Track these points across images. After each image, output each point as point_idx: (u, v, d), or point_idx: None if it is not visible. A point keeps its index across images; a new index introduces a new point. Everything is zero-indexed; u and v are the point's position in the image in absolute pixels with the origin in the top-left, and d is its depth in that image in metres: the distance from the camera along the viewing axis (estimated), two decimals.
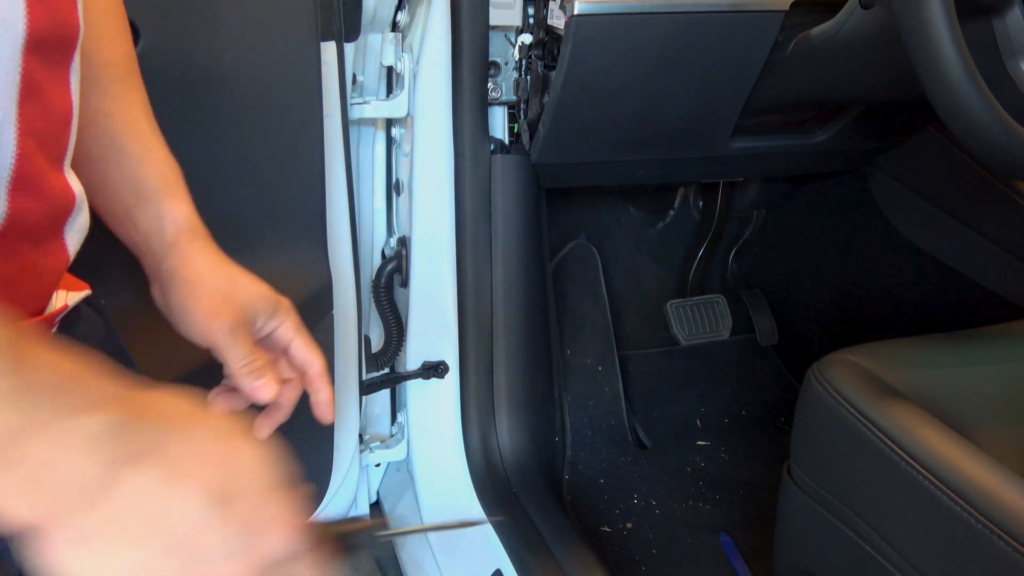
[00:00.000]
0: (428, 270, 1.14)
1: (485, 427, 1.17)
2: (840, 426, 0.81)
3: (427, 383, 1.18)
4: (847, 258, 1.48)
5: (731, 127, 1.10)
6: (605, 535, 1.26)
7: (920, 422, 0.76)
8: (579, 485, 1.35)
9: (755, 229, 1.69)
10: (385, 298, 1.18)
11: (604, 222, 1.63)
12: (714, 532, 1.28)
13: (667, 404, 1.53)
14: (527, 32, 1.04)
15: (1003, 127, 0.66)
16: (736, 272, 1.72)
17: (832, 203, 1.50)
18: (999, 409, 0.83)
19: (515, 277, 1.14)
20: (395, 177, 1.18)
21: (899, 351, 0.89)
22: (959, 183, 1.21)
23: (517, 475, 1.16)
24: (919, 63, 0.66)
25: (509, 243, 1.12)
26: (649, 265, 1.67)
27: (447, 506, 1.17)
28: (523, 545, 1.05)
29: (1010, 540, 0.66)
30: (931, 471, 0.72)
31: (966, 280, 1.25)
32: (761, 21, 0.93)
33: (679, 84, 0.99)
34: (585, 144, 1.09)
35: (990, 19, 0.80)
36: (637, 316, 1.63)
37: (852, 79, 0.98)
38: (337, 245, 0.98)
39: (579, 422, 1.43)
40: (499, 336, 1.15)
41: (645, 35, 0.91)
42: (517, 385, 1.18)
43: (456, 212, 1.11)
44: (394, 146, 1.17)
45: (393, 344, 1.19)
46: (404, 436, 1.23)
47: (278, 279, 0.57)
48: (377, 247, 1.22)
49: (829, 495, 0.85)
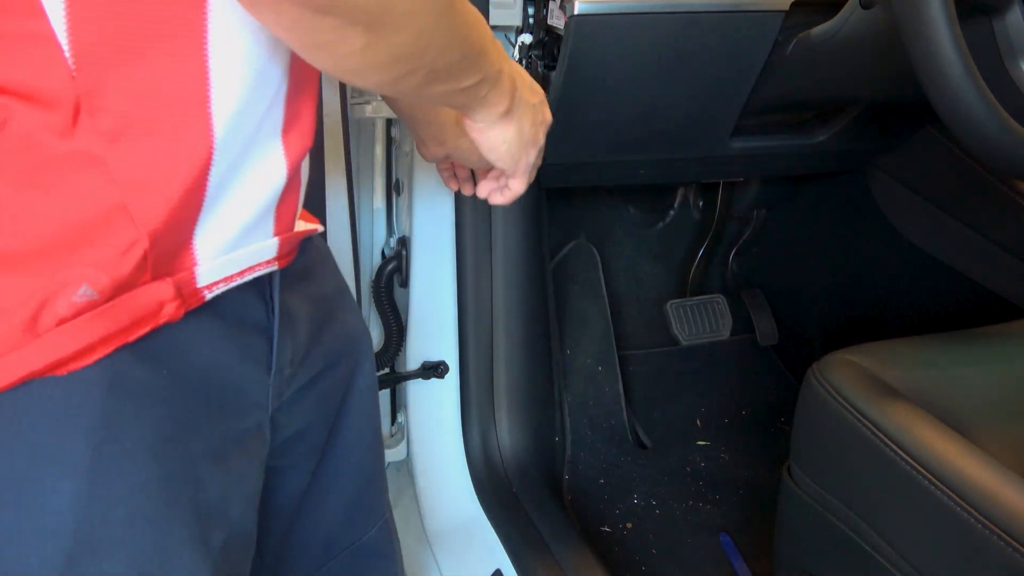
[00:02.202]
0: (428, 270, 1.14)
1: (485, 427, 1.17)
2: (840, 426, 0.81)
3: (427, 383, 1.18)
4: (847, 258, 1.48)
5: (731, 127, 1.10)
6: (605, 535, 1.26)
7: (920, 422, 0.76)
8: (579, 485, 1.35)
9: (755, 229, 1.69)
10: (385, 298, 1.18)
11: (604, 222, 1.63)
12: (714, 532, 1.28)
13: (667, 404, 1.53)
14: (527, 32, 1.04)
15: (1003, 127, 0.66)
16: (736, 272, 1.72)
17: (832, 203, 1.50)
18: (999, 409, 0.83)
19: (515, 277, 1.14)
20: (395, 177, 1.18)
21: (899, 351, 0.89)
22: (959, 183, 1.21)
23: (517, 475, 1.16)
24: (919, 63, 0.66)
25: (509, 243, 1.12)
26: (649, 265, 1.67)
27: (447, 506, 1.17)
28: (523, 545, 1.05)
29: (1010, 540, 0.66)
30: (931, 471, 0.72)
31: (966, 280, 1.25)
32: (761, 21, 0.93)
33: (679, 84, 0.99)
34: (585, 144, 1.09)
35: (990, 19, 0.81)
36: (637, 316, 1.63)
37: (852, 79, 0.98)
38: (337, 245, 0.98)
39: (579, 422, 1.43)
40: (499, 336, 1.15)
41: (645, 35, 0.91)
42: (517, 385, 1.18)
43: (456, 212, 1.11)
44: (394, 146, 1.17)
45: (393, 344, 1.19)
46: (404, 436, 1.23)
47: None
48: (377, 247, 1.22)
49: (829, 495, 0.85)
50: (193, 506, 0.46)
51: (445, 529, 1.16)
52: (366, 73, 0.42)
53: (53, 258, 0.37)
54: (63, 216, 0.37)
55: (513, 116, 0.59)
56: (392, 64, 0.42)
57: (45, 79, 0.35)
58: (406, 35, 0.41)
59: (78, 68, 0.35)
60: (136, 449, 0.43)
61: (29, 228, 0.37)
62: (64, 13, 0.34)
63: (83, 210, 0.37)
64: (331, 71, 0.42)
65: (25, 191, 0.36)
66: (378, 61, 0.41)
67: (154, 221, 0.39)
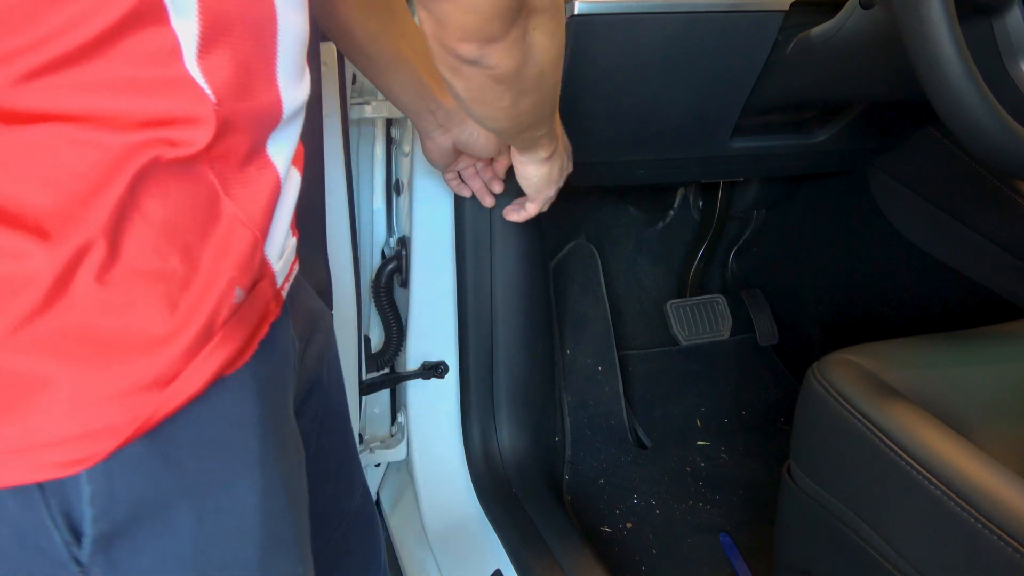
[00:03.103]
0: (428, 270, 1.14)
1: (485, 427, 1.17)
2: (840, 426, 0.81)
3: (427, 383, 1.18)
4: (847, 258, 1.48)
5: (731, 127, 1.10)
6: (605, 535, 1.26)
7: (920, 422, 0.76)
8: (579, 485, 1.35)
9: (755, 229, 1.69)
10: (385, 298, 1.18)
11: (604, 222, 1.63)
12: (714, 532, 1.28)
13: (667, 404, 1.53)
14: None
15: (1003, 127, 0.66)
16: (736, 272, 1.72)
17: (832, 203, 1.50)
18: (999, 409, 0.83)
19: (515, 277, 1.14)
20: (395, 177, 1.18)
21: (899, 351, 0.89)
22: (959, 183, 1.21)
23: (517, 475, 1.16)
24: (919, 63, 0.66)
25: (509, 243, 1.12)
26: (649, 265, 1.67)
27: (447, 506, 1.17)
28: (523, 545, 1.05)
29: (1010, 540, 0.66)
30: (931, 471, 0.72)
31: (966, 280, 1.25)
32: (761, 21, 0.92)
33: (679, 84, 0.99)
34: (585, 144, 1.09)
35: (990, 19, 0.80)
36: (637, 316, 1.63)
37: (852, 79, 0.98)
38: (337, 245, 0.98)
39: (579, 422, 1.43)
40: (499, 336, 1.15)
41: (645, 35, 0.91)
42: (517, 385, 1.18)
43: (456, 212, 1.11)
44: (394, 146, 1.17)
45: (393, 344, 1.19)
46: (404, 436, 1.23)
47: None
48: (377, 247, 1.22)
49: (829, 495, 0.85)
50: (304, 489, 0.52)
51: (445, 529, 1.16)
52: (502, 119, 0.64)
53: (218, 263, 0.41)
54: (219, 227, 0.41)
55: (551, 161, 0.81)
56: (520, 115, 0.63)
57: (194, 109, 0.39)
58: (536, 96, 0.62)
59: (218, 100, 0.39)
60: (282, 440, 0.48)
61: (200, 243, 0.40)
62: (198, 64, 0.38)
63: (225, 218, 0.42)
64: (478, 116, 0.63)
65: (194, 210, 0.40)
66: (516, 112, 0.62)
67: (261, 225, 0.44)
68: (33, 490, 0.38)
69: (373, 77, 0.79)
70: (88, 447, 0.37)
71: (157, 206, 0.38)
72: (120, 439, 0.38)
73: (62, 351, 0.36)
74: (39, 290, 0.35)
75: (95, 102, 0.36)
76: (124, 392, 0.38)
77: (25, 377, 0.36)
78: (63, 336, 0.36)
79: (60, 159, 0.36)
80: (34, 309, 0.35)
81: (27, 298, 0.35)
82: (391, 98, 0.81)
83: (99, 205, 0.36)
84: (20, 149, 0.35)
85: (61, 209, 0.36)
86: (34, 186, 0.35)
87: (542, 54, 0.56)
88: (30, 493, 0.38)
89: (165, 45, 0.37)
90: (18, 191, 0.35)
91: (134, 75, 0.37)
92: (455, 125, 0.82)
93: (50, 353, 0.36)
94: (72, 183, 0.36)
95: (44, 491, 0.38)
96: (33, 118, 0.35)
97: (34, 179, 0.36)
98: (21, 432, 0.36)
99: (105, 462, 0.38)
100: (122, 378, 0.38)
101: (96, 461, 0.38)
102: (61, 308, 0.36)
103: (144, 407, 0.38)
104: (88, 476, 0.38)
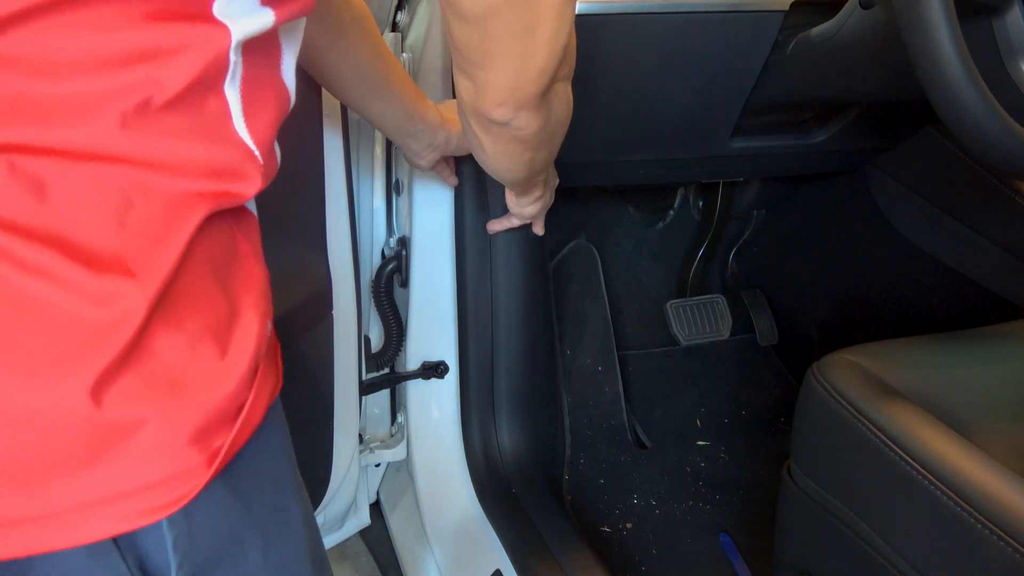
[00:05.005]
0: (428, 270, 1.14)
1: (485, 427, 1.17)
2: (840, 426, 0.81)
3: (427, 383, 1.18)
4: (847, 258, 1.48)
5: (731, 127, 1.10)
6: (605, 535, 1.26)
7: (920, 422, 0.76)
8: (579, 485, 1.35)
9: (755, 229, 1.69)
10: (385, 298, 1.17)
11: (604, 222, 1.63)
12: (714, 532, 1.28)
13: (667, 404, 1.53)
14: None
15: (1003, 127, 0.66)
16: (736, 272, 1.72)
17: (832, 203, 1.50)
18: (999, 409, 0.83)
19: (515, 277, 1.14)
20: (395, 177, 1.18)
21: (899, 351, 0.89)
22: (959, 183, 1.21)
23: (517, 475, 1.16)
24: (919, 63, 0.66)
25: (509, 243, 1.12)
26: (649, 265, 1.67)
27: (447, 506, 1.17)
28: (523, 545, 1.05)
29: (1010, 540, 0.66)
30: (931, 471, 0.72)
31: (966, 280, 1.25)
32: (761, 21, 0.92)
33: (679, 84, 0.99)
34: (585, 144, 1.09)
35: (990, 19, 0.80)
36: (637, 316, 1.63)
37: (852, 79, 0.98)
38: (336, 245, 0.98)
39: (579, 422, 1.43)
40: (499, 336, 1.15)
41: (645, 35, 0.91)
42: (517, 385, 1.18)
43: (456, 212, 1.11)
44: (394, 146, 1.17)
45: (393, 344, 1.19)
46: (404, 436, 1.23)
47: (277, 279, 0.57)
48: (377, 247, 1.22)
49: (829, 495, 0.85)
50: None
51: (445, 529, 1.16)
52: (520, 171, 0.70)
53: (246, 297, 0.43)
54: (240, 263, 0.44)
55: (543, 199, 0.93)
56: (534, 166, 0.70)
57: (245, 166, 0.41)
58: (549, 149, 0.69)
59: (262, 156, 0.42)
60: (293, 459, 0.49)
61: (230, 280, 0.42)
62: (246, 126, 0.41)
63: (242, 255, 0.44)
64: (496, 168, 0.69)
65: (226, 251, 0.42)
66: (532, 164, 0.69)
67: (262, 259, 0.47)
68: (108, 545, 0.36)
69: (362, 109, 0.84)
70: (172, 491, 0.36)
71: (209, 247, 0.39)
72: (204, 479, 0.37)
73: (151, 394, 0.35)
74: (129, 330, 0.34)
75: (164, 148, 0.36)
76: (202, 430, 0.37)
77: (115, 423, 0.34)
78: (151, 377, 0.35)
79: (129, 199, 0.35)
80: (125, 351, 0.34)
81: (119, 340, 0.34)
82: (380, 126, 0.88)
83: (171, 246, 0.36)
84: (90, 187, 0.34)
85: (140, 249, 0.35)
86: (111, 225, 0.35)
87: (559, 114, 0.63)
88: (104, 549, 0.36)
89: (220, 107, 0.39)
90: (96, 229, 0.34)
91: (200, 128, 0.38)
92: (439, 139, 0.90)
93: (140, 397, 0.35)
94: (145, 223, 0.36)
95: (119, 545, 0.36)
96: (99, 157, 0.35)
97: (110, 218, 0.35)
98: (103, 482, 0.35)
99: (186, 505, 0.37)
100: (200, 416, 0.37)
101: (182, 505, 0.37)
102: (147, 349, 0.35)
103: (220, 443, 0.38)
104: (169, 522, 0.37)
